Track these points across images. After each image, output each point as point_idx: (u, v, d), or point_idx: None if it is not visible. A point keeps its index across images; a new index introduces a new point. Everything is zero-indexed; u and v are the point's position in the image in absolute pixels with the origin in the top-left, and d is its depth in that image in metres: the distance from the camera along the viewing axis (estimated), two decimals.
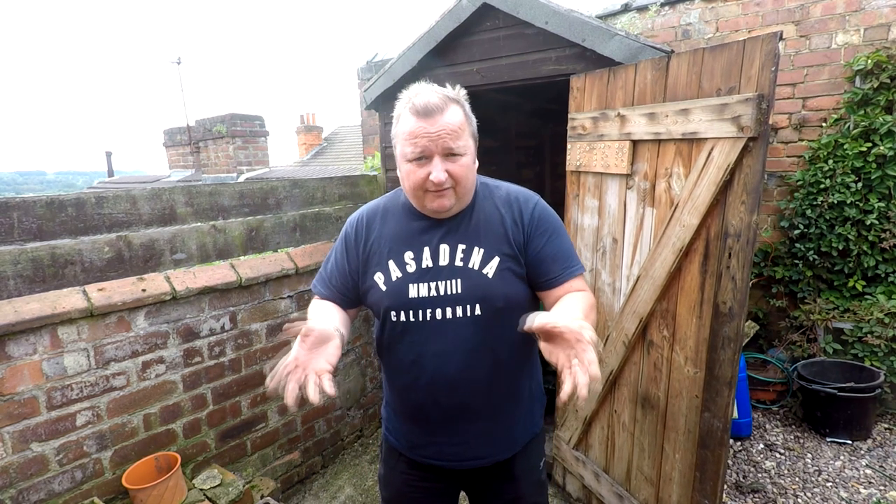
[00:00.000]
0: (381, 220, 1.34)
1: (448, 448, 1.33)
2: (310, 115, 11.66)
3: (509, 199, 1.32)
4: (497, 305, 1.23)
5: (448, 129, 1.15)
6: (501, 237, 1.26)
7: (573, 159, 2.31)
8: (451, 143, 1.16)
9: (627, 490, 2.22)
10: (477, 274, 1.23)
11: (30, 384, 1.81)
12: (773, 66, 1.47)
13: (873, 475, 2.68)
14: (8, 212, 1.84)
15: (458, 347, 1.24)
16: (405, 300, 1.24)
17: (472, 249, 1.25)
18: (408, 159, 1.18)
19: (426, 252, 1.25)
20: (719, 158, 1.64)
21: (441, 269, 1.24)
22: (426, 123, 1.15)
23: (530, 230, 1.28)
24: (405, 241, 1.28)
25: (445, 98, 1.18)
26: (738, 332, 1.67)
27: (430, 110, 1.15)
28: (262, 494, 2.27)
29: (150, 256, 2.21)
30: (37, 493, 1.85)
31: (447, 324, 1.23)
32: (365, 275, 1.31)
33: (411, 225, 1.29)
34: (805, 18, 3.46)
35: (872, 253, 3.29)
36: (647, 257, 1.97)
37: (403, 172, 1.22)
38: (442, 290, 1.23)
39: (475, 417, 1.31)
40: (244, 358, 2.50)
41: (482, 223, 1.27)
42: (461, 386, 1.26)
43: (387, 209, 1.36)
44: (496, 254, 1.25)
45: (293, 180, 2.92)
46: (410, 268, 1.26)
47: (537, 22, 2.42)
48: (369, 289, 1.30)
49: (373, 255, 1.30)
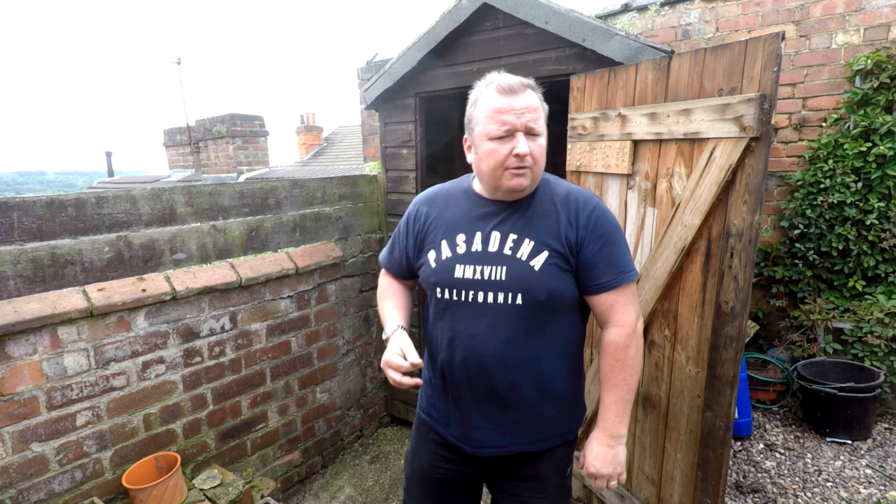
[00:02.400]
0: (442, 201, 1.42)
1: (473, 432, 1.35)
2: (310, 115, 11.66)
3: (568, 197, 1.32)
4: (539, 298, 1.25)
5: (531, 108, 1.21)
6: (554, 233, 1.27)
7: (573, 159, 2.31)
8: (532, 122, 1.21)
9: (629, 489, 2.22)
10: (523, 264, 1.26)
11: (30, 384, 1.80)
12: (775, 66, 1.47)
13: (873, 475, 2.68)
14: (8, 212, 1.83)
15: (495, 333, 1.27)
16: (451, 278, 1.31)
17: (522, 240, 1.28)
18: (492, 137, 1.22)
19: (478, 236, 1.32)
20: (721, 158, 1.63)
21: (489, 254, 1.29)
22: (511, 101, 1.20)
23: (585, 232, 1.28)
24: (460, 224, 1.35)
25: (525, 82, 1.24)
26: (740, 332, 1.67)
27: (514, 89, 1.21)
28: (262, 494, 2.27)
29: (150, 256, 2.21)
30: (37, 493, 1.85)
31: (488, 308, 1.27)
32: (420, 251, 1.41)
33: (470, 210, 1.36)
34: (805, 18, 3.46)
35: (872, 253, 3.29)
36: (648, 257, 1.97)
37: (484, 151, 1.24)
38: (487, 275, 1.27)
39: (505, 405, 1.32)
40: (244, 358, 2.50)
41: (537, 216, 1.30)
42: (495, 372, 1.28)
43: (449, 192, 1.44)
44: (545, 248, 1.26)
45: (293, 180, 2.91)
46: (460, 249, 1.32)
47: (537, 22, 2.41)
48: (422, 265, 1.39)
49: (429, 234, 1.39)
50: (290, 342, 2.73)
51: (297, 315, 2.74)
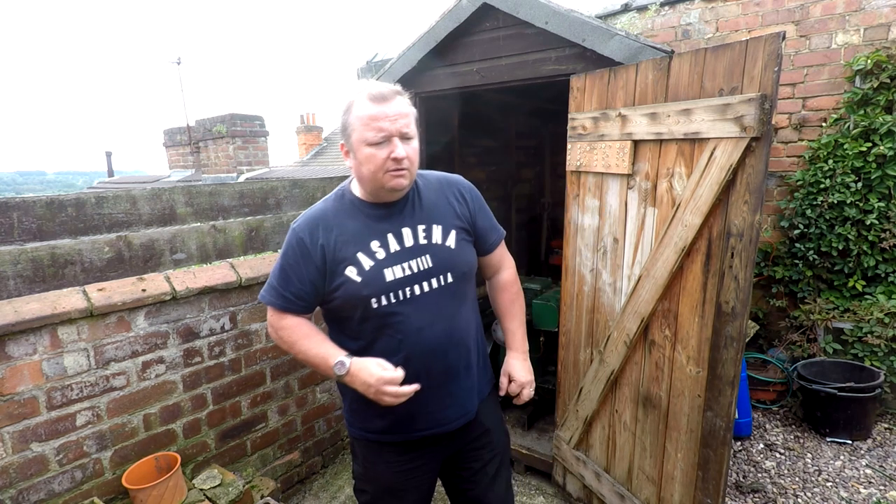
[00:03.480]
0: (333, 220, 1.38)
1: (440, 413, 1.44)
2: (310, 115, 11.66)
3: (441, 181, 1.51)
4: (463, 271, 1.44)
5: (402, 114, 1.29)
6: (451, 214, 1.45)
7: (573, 159, 2.30)
8: (405, 127, 1.29)
9: (629, 489, 2.22)
10: (442, 247, 1.40)
11: (30, 384, 1.80)
12: (775, 66, 1.47)
13: (873, 475, 2.68)
14: (8, 212, 1.83)
15: (439, 315, 1.39)
16: (383, 284, 1.34)
17: (430, 227, 1.41)
18: (369, 143, 1.27)
19: (391, 238, 1.37)
20: (722, 158, 1.63)
21: (409, 249, 1.37)
22: (384, 108, 1.26)
23: (473, 206, 1.50)
24: (367, 234, 1.37)
25: (394, 89, 1.31)
26: (740, 332, 1.67)
27: (385, 97, 1.27)
28: (262, 494, 2.27)
29: (150, 256, 2.21)
30: (37, 493, 1.84)
31: (426, 297, 1.37)
32: (333, 273, 1.35)
33: (366, 218, 1.38)
34: (805, 18, 3.46)
35: (872, 253, 3.29)
36: (648, 257, 1.97)
37: (362, 157, 1.29)
38: (415, 268, 1.37)
39: (458, 376, 1.45)
40: (244, 358, 2.50)
41: (430, 205, 1.44)
42: (447, 350, 1.41)
43: (335, 210, 1.41)
44: (452, 227, 1.44)
45: (293, 180, 2.91)
46: (380, 255, 1.35)
47: (537, 22, 2.41)
48: (340, 285, 1.34)
49: (338, 253, 1.35)
50: None
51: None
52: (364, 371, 1.29)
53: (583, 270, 2.35)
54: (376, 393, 1.28)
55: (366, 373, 1.28)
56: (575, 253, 2.39)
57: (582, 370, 2.40)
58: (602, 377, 2.26)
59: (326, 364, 1.35)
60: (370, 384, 1.27)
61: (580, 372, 2.42)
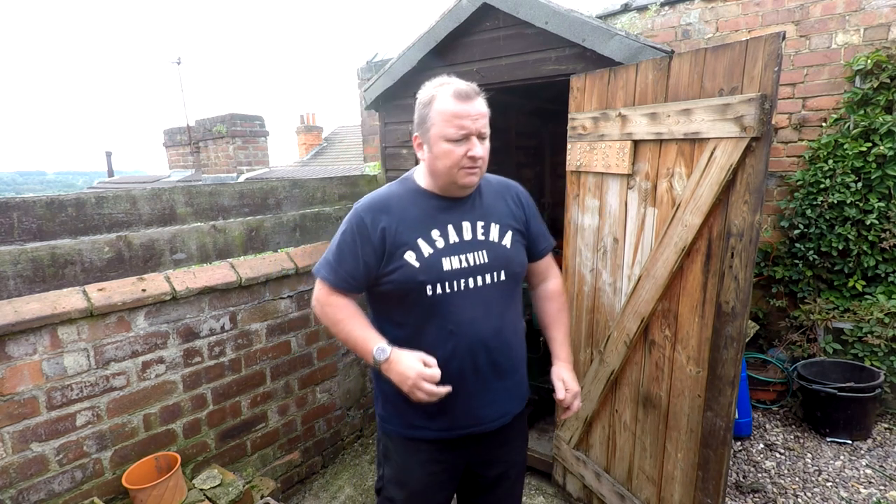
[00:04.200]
0: (397, 205, 1.39)
1: (481, 410, 1.43)
2: (310, 115, 11.66)
3: (501, 184, 1.56)
4: (516, 271, 1.45)
5: (483, 114, 1.32)
6: (509, 215, 1.48)
7: (573, 159, 2.30)
8: (484, 128, 1.33)
9: (629, 489, 2.22)
10: (498, 245, 1.42)
11: (30, 384, 1.80)
12: (776, 66, 1.47)
13: (873, 475, 2.68)
14: (8, 212, 1.83)
15: (491, 311, 1.40)
16: (440, 272, 1.34)
17: (489, 225, 1.43)
18: (449, 139, 1.29)
19: (451, 229, 1.38)
20: (722, 158, 1.63)
21: (467, 242, 1.39)
22: (468, 107, 1.29)
23: (528, 210, 1.53)
24: (429, 221, 1.37)
25: (476, 89, 1.34)
26: (740, 332, 1.67)
27: (469, 95, 1.30)
28: (262, 494, 2.27)
29: (150, 256, 2.21)
30: (37, 493, 1.84)
31: (480, 291, 1.38)
32: (391, 256, 1.34)
33: (430, 207, 1.39)
34: (805, 18, 3.46)
35: (872, 253, 3.29)
36: (648, 257, 1.97)
37: (440, 151, 1.31)
38: (472, 261, 1.37)
39: (503, 375, 1.44)
40: (244, 358, 2.50)
41: (489, 204, 1.46)
42: (494, 347, 1.41)
43: (399, 195, 1.41)
44: (509, 228, 1.46)
45: (293, 180, 2.91)
46: (440, 244, 1.36)
47: (537, 22, 2.41)
48: (397, 268, 1.34)
49: (398, 236, 1.34)
50: (290, 342, 2.73)
51: (297, 315, 2.74)
52: (403, 362, 1.28)
53: (583, 270, 2.35)
54: (412, 387, 1.27)
55: (405, 364, 1.28)
56: (575, 253, 2.39)
57: (582, 370, 2.39)
58: (602, 377, 2.26)
59: (367, 347, 1.34)
60: (408, 376, 1.26)
61: (580, 372, 2.42)
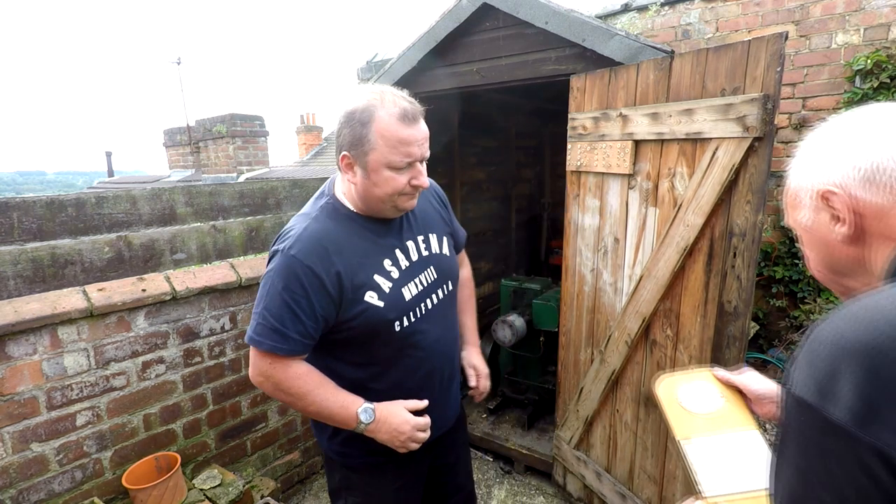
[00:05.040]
0: (336, 242, 1.19)
1: (446, 412, 1.45)
2: (310, 115, 11.66)
3: None
4: (456, 276, 1.45)
5: (427, 136, 1.19)
6: (439, 220, 1.44)
7: (573, 159, 2.30)
8: (427, 151, 1.20)
9: (630, 489, 2.21)
10: (441, 256, 1.38)
11: (30, 384, 1.80)
12: (778, 66, 1.47)
13: None
14: (8, 212, 1.83)
15: (447, 324, 1.40)
16: (404, 305, 1.26)
17: (428, 237, 1.37)
18: (394, 167, 1.14)
19: (399, 254, 1.28)
20: (724, 158, 1.63)
21: (416, 263, 1.31)
22: (415, 131, 1.14)
23: (448, 207, 1.50)
24: (377, 252, 1.24)
25: (419, 107, 1.17)
26: (743, 332, 1.67)
27: (416, 117, 1.15)
28: (262, 494, 2.27)
29: (150, 256, 2.20)
30: (37, 493, 1.84)
31: (437, 308, 1.35)
32: (352, 302, 1.19)
33: (369, 234, 1.25)
34: (805, 18, 3.46)
35: None
36: (650, 257, 1.97)
37: (380, 179, 1.15)
38: (425, 282, 1.32)
39: (452, 380, 1.46)
40: (244, 358, 2.49)
41: (423, 213, 1.39)
42: (453, 355, 1.44)
43: (337, 229, 1.22)
44: (444, 234, 1.42)
45: (293, 180, 2.91)
46: (395, 274, 1.25)
47: (537, 22, 2.41)
48: (360, 313, 1.20)
49: (355, 278, 1.19)
50: None
51: None
52: (394, 418, 1.22)
53: (583, 270, 2.35)
54: (406, 440, 1.22)
55: (397, 420, 1.22)
56: (575, 253, 2.38)
57: (582, 370, 2.39)
58: (603, 377, 2.26)
59: (348, 414, 1.19)
60: (402, 431, 1.22)
61: (580, 372, 2.41)
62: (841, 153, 0.65)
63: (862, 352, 0.50)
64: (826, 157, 0.66)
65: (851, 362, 0.50)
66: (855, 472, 0.48)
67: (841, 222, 0.65)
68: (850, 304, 0.55)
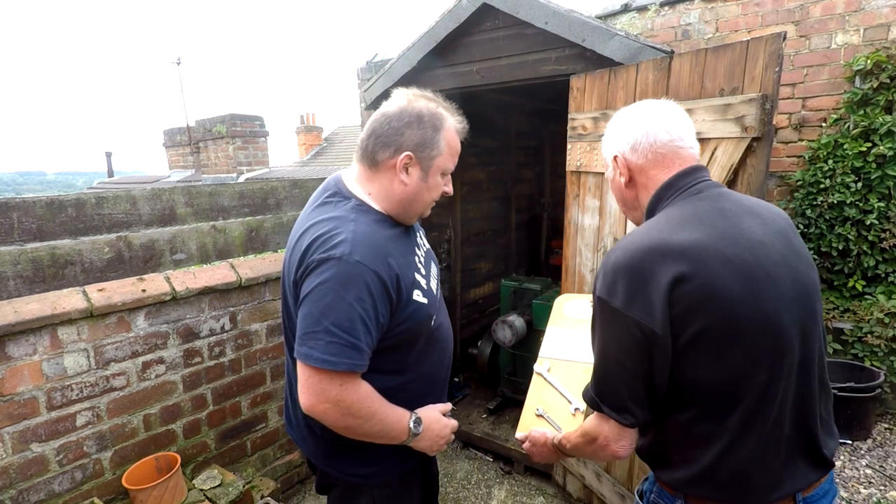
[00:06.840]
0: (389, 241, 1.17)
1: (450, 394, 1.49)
2: (310, 115, 11.66)
3: None
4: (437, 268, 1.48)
5: None
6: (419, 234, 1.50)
7: (573, 159, 2.30)
8: None
9: (630, 489, 2.21)
10: (430, 250, 1.45)
11: (30, 384, 1.80)
12: (776, 66, 1.47)
13: (873, 475, 2.68)
14: (8, 212, 1.83)
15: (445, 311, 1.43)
16: (434, 298, 1.29)
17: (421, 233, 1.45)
18: (445, 173, 1.23)
19: (417, 250, 1.33)
20: (723, 158, 1.63)
21: (424, 257, 1.36)
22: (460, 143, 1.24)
23: None
24: (409, 251, 1.26)
25: None
26: None
27: None
28: (262, 495, 2.27)
29: (150, 257, 2.21)
30: (37, 493, 1.84)
31: (441, 299, 1.39)
32: (406, 304, 1.16)
33: (399, 234, 1.25)
34: (805, 18, 3.46)
35: (872, 253, 3.29)
36: None
37: (434, 183, 1.20)
38: (430, 273, 1.36)
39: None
40: (244, 358, 2.50)
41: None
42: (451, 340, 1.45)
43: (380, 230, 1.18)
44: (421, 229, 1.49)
45: (293, 180, 2.91)
46: (423, 270, 1.29)
47: (537, 22, 2.41)
48: (412, 313, 1.18)
49: (405, 279, 1.16)
50: None
51: None
52: (435, 422, 1.22)
53: (583, 270, 2.35)
54: (444, 444, 1.25)
55: (438, 424, 1.22)
56: (575, 253, 2.38)
57: None
58: None
59: (401, 427, 1.16)
60: (443, 436, 1.24)
61: None
62: (620, 133, 1.10)
63: (625, 268, 0.93)
64: (614, 135, 1.12)
65: (620, 275, 0.93)
66: (626, 332, 0.92)
67: (622, 175, 1.10)
68: (625, 237, 0.99)
